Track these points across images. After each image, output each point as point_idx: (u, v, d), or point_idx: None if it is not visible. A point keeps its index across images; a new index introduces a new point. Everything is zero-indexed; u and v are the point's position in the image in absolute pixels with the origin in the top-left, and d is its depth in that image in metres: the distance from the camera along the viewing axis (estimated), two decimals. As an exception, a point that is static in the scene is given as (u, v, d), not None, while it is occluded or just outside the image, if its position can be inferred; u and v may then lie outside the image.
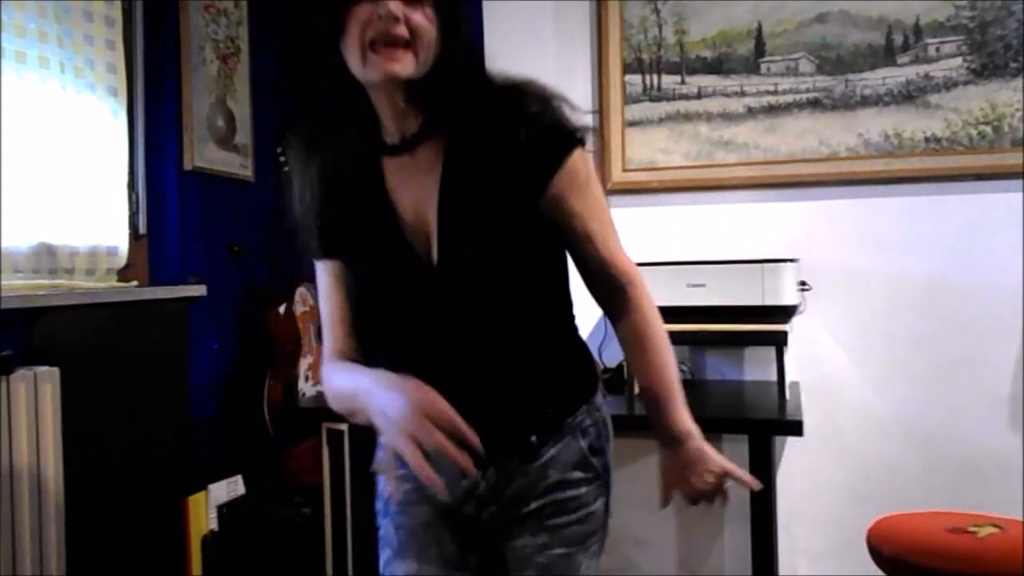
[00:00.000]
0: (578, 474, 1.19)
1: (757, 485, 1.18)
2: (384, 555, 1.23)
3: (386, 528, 1.23)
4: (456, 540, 1.20)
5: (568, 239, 1.14)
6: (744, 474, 1.19)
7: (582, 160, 1.10)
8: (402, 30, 1.01)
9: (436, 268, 1.09)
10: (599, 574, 1.26)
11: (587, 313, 2.73)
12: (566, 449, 1.17)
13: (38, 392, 1.76)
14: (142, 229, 2.38)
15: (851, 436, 2.50)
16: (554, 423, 1.16)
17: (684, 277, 2.25)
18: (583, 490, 1.20)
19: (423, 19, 1.03)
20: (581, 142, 1.09)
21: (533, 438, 1.15)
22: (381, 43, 1.02)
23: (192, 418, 2.39)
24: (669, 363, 1.18)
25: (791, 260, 2.25)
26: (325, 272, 1.21)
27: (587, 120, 1.13)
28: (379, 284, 1.13)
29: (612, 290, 1.17)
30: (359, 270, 1.16)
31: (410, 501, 1.21)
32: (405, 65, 1.02)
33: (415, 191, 1.10)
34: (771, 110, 2.54)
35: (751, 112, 2.56)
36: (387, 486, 1.23)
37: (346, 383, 1.13)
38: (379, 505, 1.25)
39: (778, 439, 2.51)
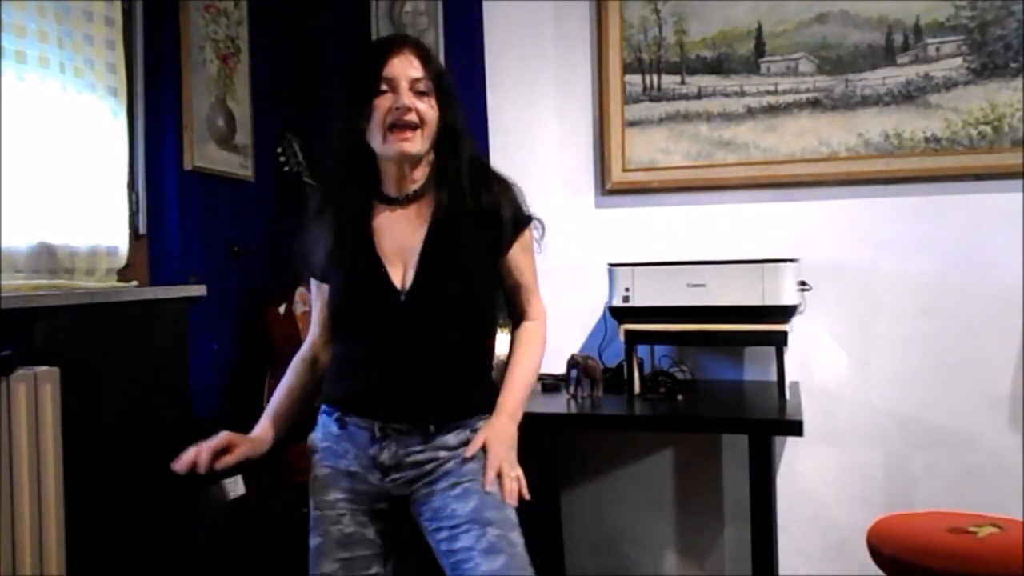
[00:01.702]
0: (461, 449, 1.44)
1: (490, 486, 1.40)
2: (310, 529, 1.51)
3: (310, 506, 1.51)
4: (356, 519, 1.46)
5: (508, 284, 1.54)
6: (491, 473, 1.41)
7: (530, 233, 1.52)
8: (413, 117, 1.40)
9: (406, 294, 1.43)
10: (516, 525, 1.40)
11: (587, 314, 2.72)
12: (456, 437, 1.45)
13: (38, 392, 1.76)
14: (142, 229, 2.38)
15: (851, 436, 2.50)
16: (453, 422, 1.45)
17: (684, 277, 2.25)
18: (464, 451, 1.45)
19: (428, 108, 1.42)
20: (531, 221, 1.51)
21: (431, 427, 1.44)
22: (398, 127, 1.40)
23: (192, 418, 2.39)
24: (524, 370, 1.53)
25: (791, 260, 2.25)
26: (318, 289, 1.58)
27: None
28: (357, 298, 1.46)
29: (520, 318, 1.58)
30: (338, 289, 1.49)
31: (324, 484, 1.49)
32: (414, 144, 1.41)
33: (402, 234, 1.47)
34: (771, 110, 2.54)
35: (751, 112, 2.56)
36: (313, 468, 1.52)
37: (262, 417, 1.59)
38: (310, 480, 1.53)
39: (778, 439, 2.51)
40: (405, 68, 1.40)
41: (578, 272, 2.70)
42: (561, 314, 2.74)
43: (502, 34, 2.81)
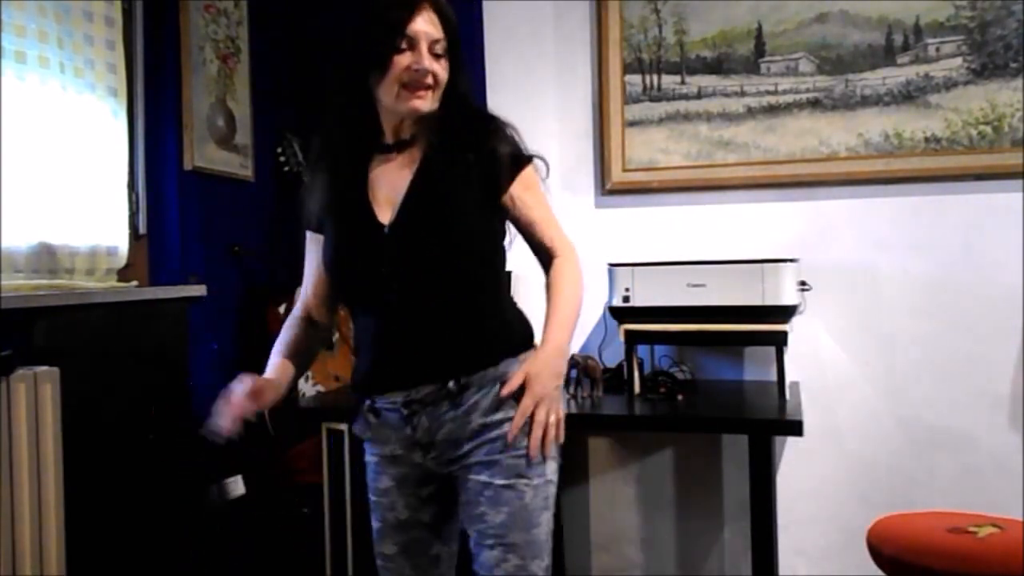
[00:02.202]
0: (499, 416, 1.36)
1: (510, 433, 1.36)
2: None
3: (369, 490, 1.50)
4: (409, 505, 1.45)
5: (521, 224, 1.46)
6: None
7: (532, 171, 1.46)
8: (430, 79, 1.37)
9: (389, 228, 1.38)
10: (547, 507, 1.39)
11: (587, 314, 2.71)
12: (485, 397, 1.36)
13: (38, 392, 1.76)
14: (142, 229, 2.38)
15: (851, 436, 2.50)
16: (474, 372, 1.36)
17: (684, 277, 2.25)
18: (506, 428, 1.36)
19: (441, 69, 1.38)
20: (531, 159, 1.46)
21: (451, 384, 1.36)
22: (412, 86, 1.36)
23: (192, 418, 2.39)
24: (565, 300, 1.43)
25: (791, 260, 2.25)
26: (311, 242, 1.53)
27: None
28: (343, 238, 1.42)
29: (548, 258, 1.48)
30: (329, 237, 1.44)
31: (376, 472, 1.48)
32: (427, 102, 1.38)
33: (393, 179, 1.42)
34: (771, 110, 2.54)
35: (751, 112, 2.56)
36: (366, 456, 1.50)
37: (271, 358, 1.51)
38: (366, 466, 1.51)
39: (778, 439, 2.51)
40: (426, 27, 1.36)
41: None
42: (561, 314, 2.74)
43: (502, 34, 2.81)
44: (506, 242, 1.49)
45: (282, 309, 2.66)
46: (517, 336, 1.44)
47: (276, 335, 2.64)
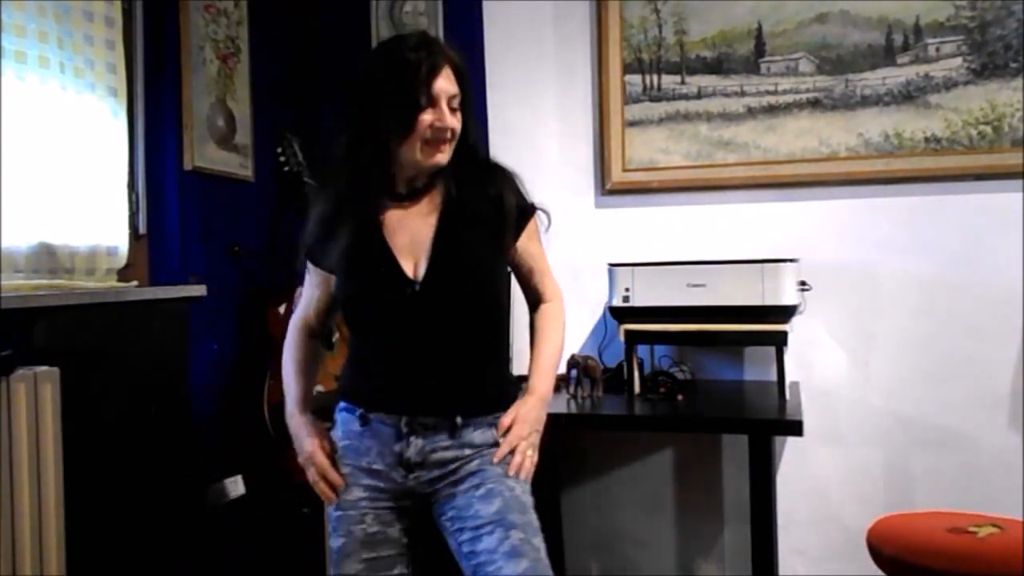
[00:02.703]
0: (492, 449, 1.46)
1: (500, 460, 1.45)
2: (330, 529, 1.51)
3: (330, 507, 1.51)
4: (380, 518, 1.47)
5: (521, 270, 1.58)
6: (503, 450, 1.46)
7: (536, 221, 1.56)
8: (449, 134, 1.43)
9: (421, 285, 1.43)
10: (533, 507, 1.45)
11: (587, 314, 2.72)
12: (481, 435, 1.46)
13: (38, 392, 1.76)
14: (142, 229, 2.38)
15: (851, 436, 2.50)
16: (477, 415, 1.46)
17: (684, 277, 2.25)
18: (493, 449, 1.46)
19: (457, 123, 1.44)
20: (535, 210, 1.55)
21: (458, 419, 1.44)
22: (433, 143, 1.42)
23: (192, 418, 2.39)
24: (551, 350, 1.57)
25: (791, 260, 2.25)
26: (314, 274, 1.59)
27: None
28: (370, 291, 1.47)
29: (537, 300, 1.61)
30: (352, 285, 1.48)
31: (349, 482, 1.48)
32: (446, 156, 1.44)
33: (412, 229, 1.47)
34: (771, 110, 2.54)
35: (751, 112, 2.56)
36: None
37: (288, 380, 1.60)
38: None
39: (778, 439, 2.51)
40: (446, 84, 1.41)
41: (578, 272, 2.69)
42: (561, 314, 2.74)
43: (502, 34, 2.81)
44: None
45: (282, 309, 2.66)
46: (512, 391, 1.54)
47: (276, 335, 2.65)
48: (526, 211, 1.52)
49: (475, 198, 1.47)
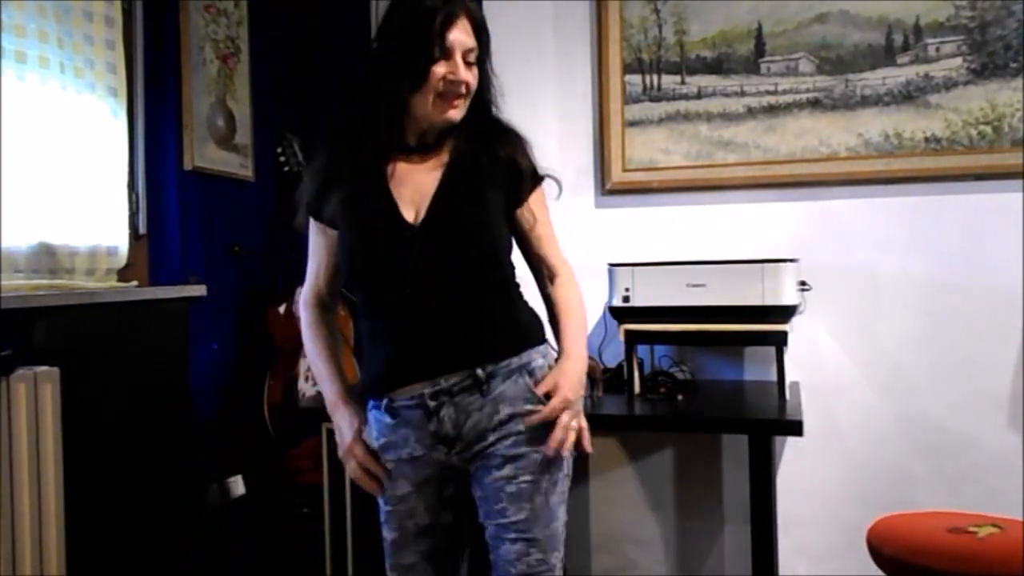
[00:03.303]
0: (526, 406, 1.39)
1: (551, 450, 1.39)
2: (381, 519, 1.49)
3: (381, 499, 1.48)
4: (430, 510, 1.45)
5: (528, 236, 1.52)
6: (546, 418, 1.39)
7: (543, 191, 1.53)
8: (463, 88, 1.39)
9: (418, 227, 1.38)
10: (564, 501, 1.44)
11: (591, 314, 2.72)
12: (513, 385, 1.40)
13: (38, 392, 1.76)
14: (142, 229, 2.38)
15: (851, 436, 2.50)
16: (500, 359, 1.40)
17: (684, 277, 2.25)
18: (528, 410, 1.39)
19: (473, 78, 1.40)
20: (545, 178, 1.53)
21: (479, 371, 1.38)
22: (447, 96, 1.38)
23: (192, 418, 2.39)
24: (578, 316, 1.51)
25: (791, 260, 2.25)
26: (318, 232, 1.51)
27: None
28: (369, 244, 1.40)
29: (548, 274, 1.55)
30: (352, 233, 1.42)
31: (391, 480, 1.45)
32: (460, 111, 1.41)
33: (417, 181, 1.43)
34: (771, 110, 2.54)
35: (751, 112, 2.56)
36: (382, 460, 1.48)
37: (320, 370, 1.54)
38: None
39: (778, 439, 2.51)
40: (462, 37, 1.37)
41: (578, 272, 2.66)
42: (561, 314, 2.74)
43: (502, 34, 2.79)
44: None
45: (282, 309, 2.66)
46: (535, 329, 1.48)
47: (276, 335, 2.66)
48: (538, 176, 1.49)
49: (485, 157, 1.43)
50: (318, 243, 1.53)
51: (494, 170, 1.44)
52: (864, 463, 2.49)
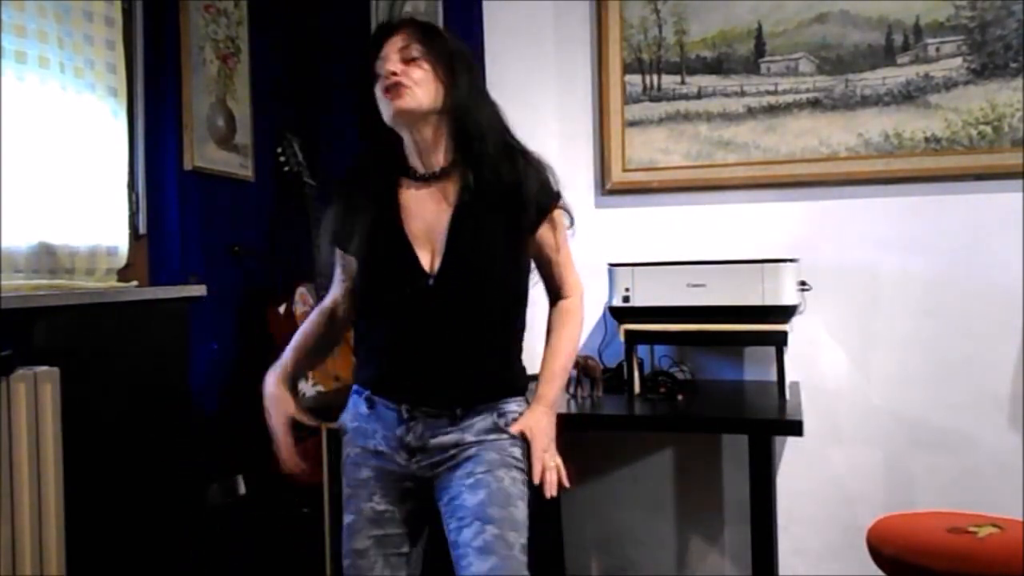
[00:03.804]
0: (492, 436, 1.47)
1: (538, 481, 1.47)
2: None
3: (343, 483, 1.54)
4: (388, 497, 1.49)
5: (541, 261, 1.55)
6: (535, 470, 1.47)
7: (560, 212, 1.54)
8: (397, 78, 1.41)
9: (435, 277, 1.43)
10: (523, 496, 1.47)
11: (587, 314, 2.71)
12: (483, 421, 1.47)
13: (38, 392, 1.76)
14: (142, 229, 2.38)
15: (851, 436, 2.50)
16: (480, 402, 1.47)
17: (684, 277, 2.25)
18: (492, 436, 1.47)
19: (416, 69, 1.42)
20: (559, 198, 1.53)
21: (458, 410, 1.46)
22: (388, 91, 1.41)
23: (192, 418, 2.39)
24: (563, 351, 1.56)
25: (791, 260, 2.25)
26: (340, 258, 1.59)
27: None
28: (386, 280, 1.47)
29: (557, 295, 1.60)
30: (368, 273, 1.49)
31: (355, 463, 1.52)
32: (405, 99, 1.41)
33: (429, 215, 1.47)
34: (771, 110, 2.54)
35: (751, 112, 2.56)
36: (345, 447, 1.55)
37: (286, 349, 1.62)
38: (343, 462, 1.56)
39: (778, 439, 2.51)
40: (395, 43, 1.44)
41: (578, 272, 2.69)
42: (561, 314, 2.74)
43: (502, 34, 2.81)
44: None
45: (282, 309, 2.66)
46: (519, 384, 1.55)
47: (276, 335, 2.66)
48: (547, 201, 1.50)
49: (493, 184, 1.44)
50: (341, 268, 1.60)
51: (502, 198, 1.45)
52: (864, 463, 2.49)
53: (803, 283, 2.34)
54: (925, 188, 2.42)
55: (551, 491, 1.43)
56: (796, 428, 1.93)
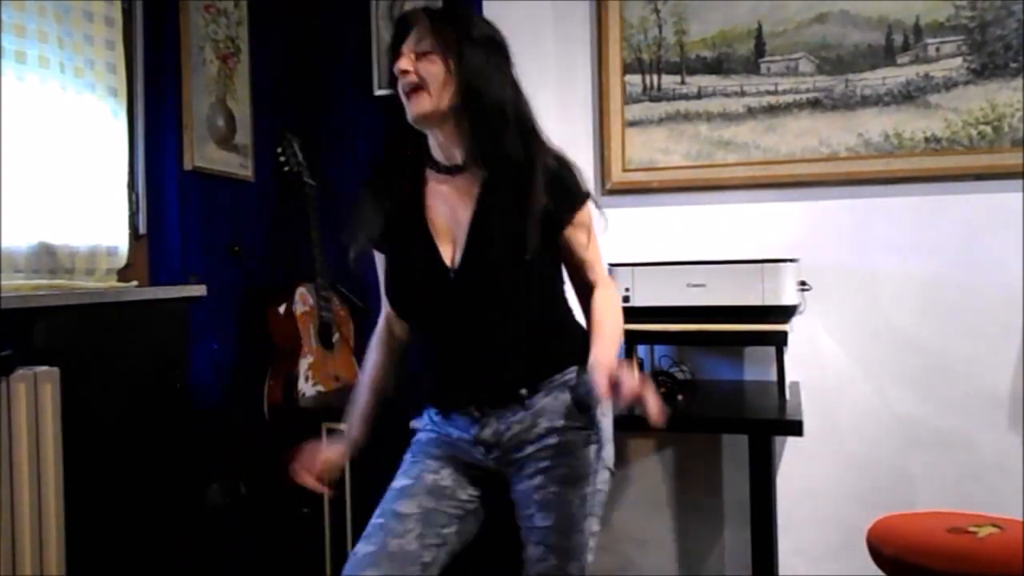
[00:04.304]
0: (565, 422, 1.44)
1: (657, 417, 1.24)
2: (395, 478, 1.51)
3: (405, 457, 1.53)
4: (456, 477, 1.48)
5: (571, 260, 1.52)
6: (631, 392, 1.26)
7: (588, 209, 1.51)
8: (412, 78, 1.39)
9: (456, 271, 1.42)
10: (593, 514, 1.46)
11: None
12: (554, 401, 1.44)
13: (38, 392, 1.76)
14: (142, 229, 2.38)
15: (851, 436, 2.50)
16: (542, 379, 1.44)
17: (684, 277, 2.25)
18: (570, 436, 1.44)
19: (428, 64, 1.39)
20: (589, 197, 1.51)
21: (523, 391, 1.43)
22: (405, 93, 1.41)
23: (192, 418, 2.39)
24: (613, 324, 1.47)
25: (791, 260, 2.25)
26: (377, 258, 1.57)
27: (590, 183, 1.71)
28: (408, 275, 1.47)
29: (588, 290, 1.55)
30: (393, 262, 1.50)
31: (429, 441, 1.52)
32: (423, 103, 1.39)
33: (451, 208, 1.46)
34: (771, 110, 2.54)
35: (751, 112, 2.56)
36: (419, 432, 1.56)
37: (356, 389, 1.62)
38: (413, 441, 1.56)
39: (778, 439, 2.51)
40: (414, 38, 1.42)
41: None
42: (561, 314, 2.74)
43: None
44: None
45: (282, 309, 2.66)
46: (580, 345, 1.45)
47: (276, 335, 2.66)
48: (576, 201, 1.47)
49: (518, 183, 1.40)
50: (379, 265, 1.58)
51: (527, 198, 1.40)
52: (864, 463, 2.49)
53: (803, 283, 2.34)
54: (925, 188, 2.42)
55: (657, 417, 1.22)
56: (796, 428, 1.93)
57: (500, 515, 1.52)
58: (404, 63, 1.40)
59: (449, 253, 1.44)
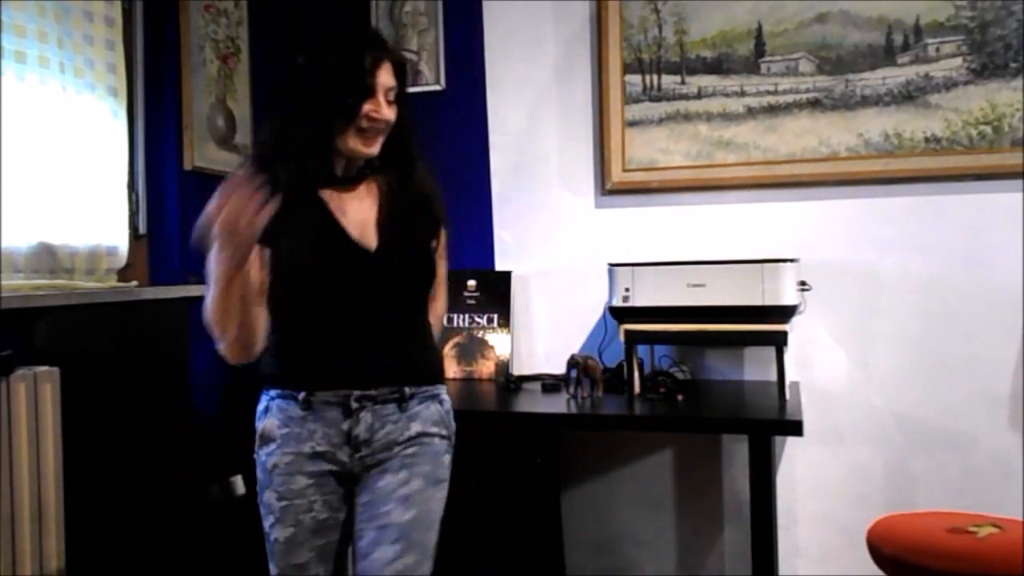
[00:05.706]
0: (435, 429, 1.53)
1: None
2: (267, 522, 1.48)
3: (268, 496, 1.48)
4: (328, 503, 1.48)
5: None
6: None
7: (445, 236, 1.64)
8: (383, 125, 1.49)
9: (375, 251, 1.49)
10: (440, 519, 1.51)
11: (587, 314, 2.70)
12: (427, 410, 1.52)
13: (38, 392, 1.76)
14: (142, 229, 2.38)
15: (851, 436, 2.50)
16: (422, 385, 1.52)
17: (684, 277, 2.25)
18: (436, 442, 1.52)
19: (392, 114, 1.49)
20: (448, 225, 1.64)
21: (407, 389, 1.49)
22: (368, 132, 1.47)
23: (192, 418, 2.39)
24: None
25: (791, 260, 2.25)
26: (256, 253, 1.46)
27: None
28: (320, 258, 1.47)
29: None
30: (295, 257, 1.46)
31: (287, 473, 1.46)
32: (378, 146, 1.50)
33: (354, 209, 1.53)
34: (771, 110, 2.54)
35: (751, 112, 2.56)
36: (268, 457, 1.49)
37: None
38: (261, 476, 1.50)
39: (778, 439, 2.51)
40: (385, 78, 1.48)
41: (578, 272, 2.70)
42: (561, 314, 2.74)
43: (502, 34, 2.81)
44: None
45: (282, 309, 2.65)
46: (441, 367, 1.65)
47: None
48: (443, 220, 1.62)
49: (410, 193, 1.56)
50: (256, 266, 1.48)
51: (419, 206, 1.56)
52: (864, 463, 2.49)
53: (803, 283, 2.34)
54: (925, 188, 2.42)
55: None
56: (796, 428, 1.93)
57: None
58: (385, 111, 1.47)
59: (365, 239, 1.49)
